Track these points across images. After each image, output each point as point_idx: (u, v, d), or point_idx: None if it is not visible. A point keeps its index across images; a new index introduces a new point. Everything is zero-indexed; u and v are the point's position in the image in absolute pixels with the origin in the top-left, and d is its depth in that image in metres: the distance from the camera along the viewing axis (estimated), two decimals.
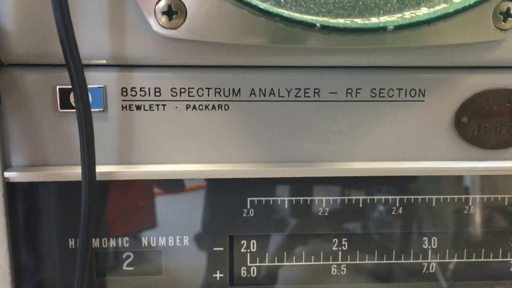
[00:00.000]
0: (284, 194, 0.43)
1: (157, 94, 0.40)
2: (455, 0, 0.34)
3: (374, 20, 0.34)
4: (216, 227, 0.44)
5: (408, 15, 0.34)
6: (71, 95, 0.39)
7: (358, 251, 0.45)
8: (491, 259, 0.46)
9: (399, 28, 0.32)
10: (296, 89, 0.41)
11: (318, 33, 0.33)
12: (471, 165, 0.43)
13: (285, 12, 0.32)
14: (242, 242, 0.44)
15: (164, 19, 0.36)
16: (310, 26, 0.32)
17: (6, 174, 0.40)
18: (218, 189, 0.43)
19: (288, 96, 0.41)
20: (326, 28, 0.32)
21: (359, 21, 0.34)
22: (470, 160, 0.43)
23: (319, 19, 0.33)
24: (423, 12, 0.34)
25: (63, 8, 0.34)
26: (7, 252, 0.41)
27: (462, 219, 0.45)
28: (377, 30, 0.32)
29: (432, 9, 0.34)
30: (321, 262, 0.45)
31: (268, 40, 0.36)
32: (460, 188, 0.44)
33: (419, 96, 0.42)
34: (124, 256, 0.44)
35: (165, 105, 0.40)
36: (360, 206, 0.44)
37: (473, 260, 0.46)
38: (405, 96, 0.42)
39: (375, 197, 0.44)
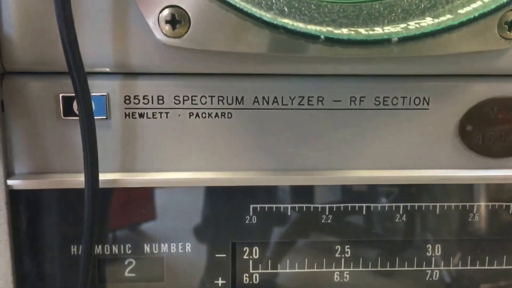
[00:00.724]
0: (287, 202, 0.43)
1: (160, 102, 0.40)
2: (460, 10, 0.34)
3: (378, 30, 0.33)
4: (219, 234, 0.44)
5: (413, 26, 0.33)
6: (74, 103, 0.39)
7: (361, 258, 0.45)
8: (495, 267, 0.46)
9: (404, 40, 0.32)
10: (299, 97, 0.41)
11: (322, 44, 0.33)
12: (476, 173, 0.43)
13: (289, 24, 0.32)
14: (244, 249, 0.44)
15: (167, 28, 0.35)
16: (314, 38, 0.32)
17: (9, 182, 0.40)
18: (220, 196, 0.43)
19: (292, 104, 0.41)
20: (330, 40, 0.32)
21: (363, 32, 0.33)
22: (474, 168, 0.43)
23: (323, 30, 0.32)
24: (428, 22, 0.33)
25: (67, 16, 0.34)
26: (10, 261, 0.41)
27: (466, 227, 0.45)
28: (381, 42, 0.32)
29: (436, 20, 0.33)
30: (324, 269, 0.45)
31: (271, 50, 0.36)
32: (465, 196, 0.44)
33: (423, 104, 0.42)
34: (126, 262, 0.44)
35: (168, 113, 0.40)
36: (364, 213, 0.44)
37: (477, 268, 0.46)
38: (409, 104, 0.41)
39: (379, 205, 0.44)
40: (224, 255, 0.44)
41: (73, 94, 0.36)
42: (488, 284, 0.47)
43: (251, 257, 0.45)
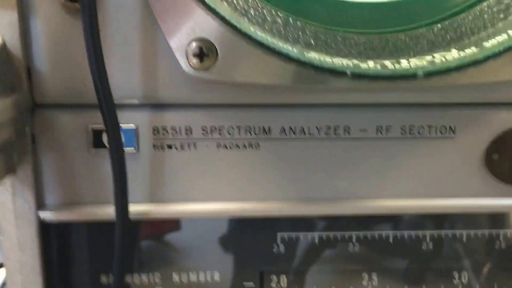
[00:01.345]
0: (314, 230, 0.43)
1: (188, 133, 0.40)
2: (485, 43, 0.34)
3: (403, 63, 0.34)
4: (247, 263, 0.44)
5: (438, 59, 0.34)
6: (104, 135, 0.39)
7: (387, 286, 0.45)
8: None
9: (429, 75, 0.32)
10: (326, 126, 0.41)
11: (349, 79, 0.33)
12: (502, 202, 0.43)
13: (316, 60, 0.32)
14: (272, 277, 0.45)
15: (195, 61, 0.36)
16: (341, 74, 0.32)
17: (40, 213, 0.40)
18: (248, 225, 0.43)
19: (319, 134, 0.41)
20: (356, 76, 0.32)
21: (389, 64, 0.33)
22: (501, 197, 0.43)
23: (349, 64, 0.33)
24: (453, 56, 0.34)
25: (97, 50, 0.35)
26: None
27: (493, 255, 0.45)
28: (407, 77, 0.32)
29: (462, 53, 0.34)
30: None
31: (296, 81, 0.36)
32: (491, 225, 0.44)
33: (449, 133, 0.42)
34: None
35: (196, 144, 0.41)
36: (390, 242, 0.44)
37: None
38: (435, 133, 0.41)
39: (405, 233, 0.44)
40: (252, 284, 0.44)
41: (103, 126, 0.37)
42: None
43: (279, 285, 0.45)
